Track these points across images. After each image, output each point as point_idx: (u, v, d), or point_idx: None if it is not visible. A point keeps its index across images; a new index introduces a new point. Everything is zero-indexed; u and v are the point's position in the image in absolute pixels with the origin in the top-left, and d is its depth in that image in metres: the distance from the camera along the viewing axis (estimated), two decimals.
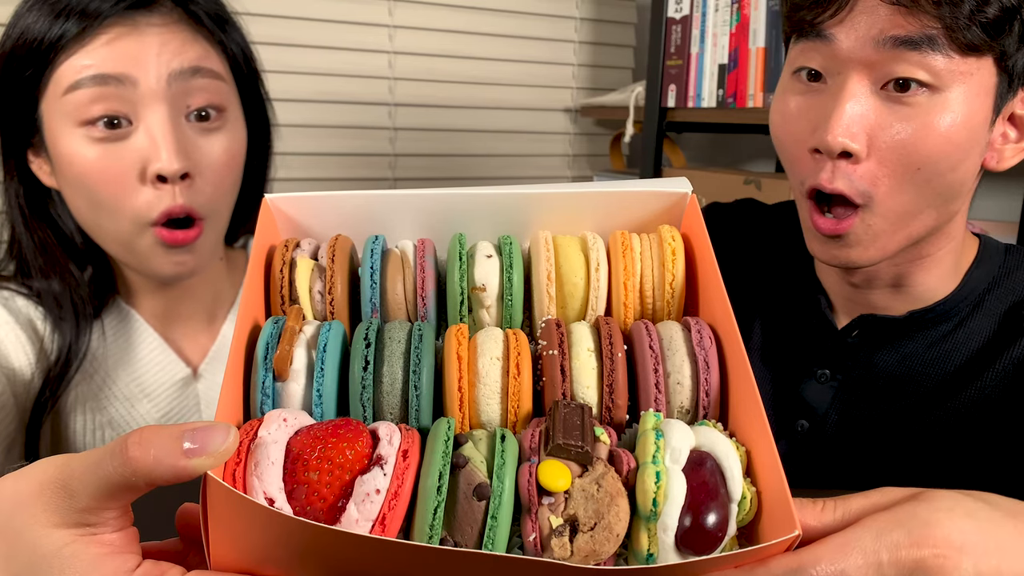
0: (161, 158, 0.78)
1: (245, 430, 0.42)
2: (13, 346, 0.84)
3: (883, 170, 0.66)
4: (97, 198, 0.80)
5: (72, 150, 0.79)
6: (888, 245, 0.69)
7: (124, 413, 0.90)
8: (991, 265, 0.76)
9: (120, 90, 0.78)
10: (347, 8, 1.84)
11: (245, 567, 0.40)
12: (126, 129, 0.79)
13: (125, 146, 0.79)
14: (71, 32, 0.77)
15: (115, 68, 0.78)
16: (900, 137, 0.64)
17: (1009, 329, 0.73)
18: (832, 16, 0.65)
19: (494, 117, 2.08)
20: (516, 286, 0.52)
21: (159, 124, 0.79)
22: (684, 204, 0.57)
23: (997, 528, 0.43)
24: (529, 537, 0.40)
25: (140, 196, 0.80)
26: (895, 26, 0.62)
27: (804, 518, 0.43)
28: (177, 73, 0.80)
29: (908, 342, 0.75)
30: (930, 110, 0.63)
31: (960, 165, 0.66)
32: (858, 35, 0.64)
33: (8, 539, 0.38)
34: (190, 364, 0.95)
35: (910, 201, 0.67)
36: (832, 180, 0.66)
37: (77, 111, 0.78)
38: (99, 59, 0.78)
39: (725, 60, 1.70)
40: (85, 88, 0.77)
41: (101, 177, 0.79)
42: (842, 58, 0.65)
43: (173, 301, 0.93)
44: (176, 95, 0.80)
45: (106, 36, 0.78)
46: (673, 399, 0.48)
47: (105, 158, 0.79)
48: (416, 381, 0.46)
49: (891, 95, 0.64)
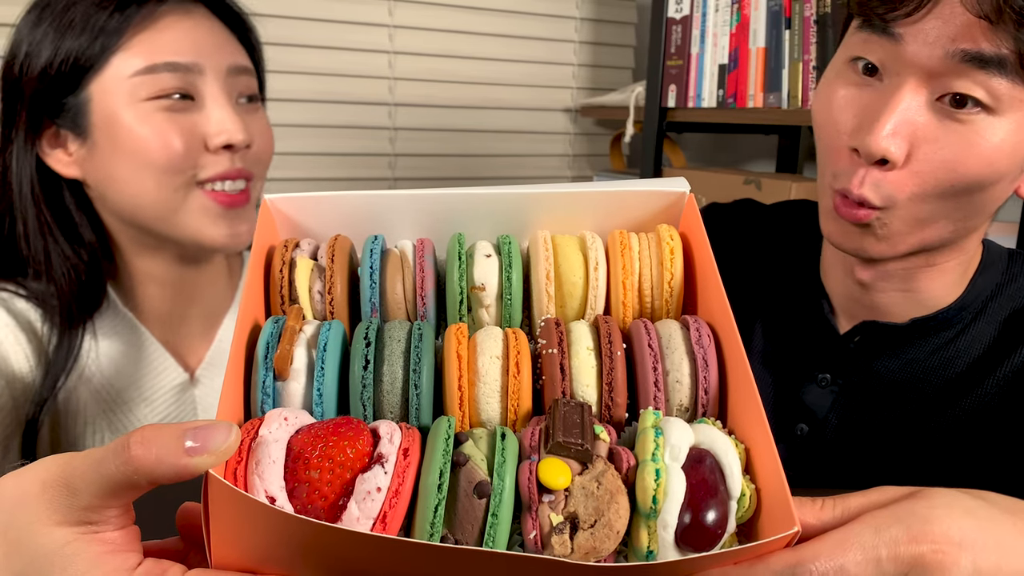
0: (230, 129, 0.86)
1: (246, 429, 0.42)
2: (12, 348, 0.84)
3: (914, 180, 0.64)
4: (153, 162, 0.84)
5: (137, 120, 0.83)
6: (899, 244, 0.68)
7: (122, 417, 0.90)
8: (994, 272, 0.76)
9: (189, 76, 0.85)
10: (347, 8, 1.84)
11: (246, 565, 0.40)
12: (192, 104, 0.86)
13: (188, 118, 0.85)
14: (132, 20, 0.83)
15: (181, 57, 0.85)
16: (943, 153, 0.62)
17: (1011, 336, 0.72)
18: (907, 15, 0.61)
19: (494, 117, 2.08)
20: (515, 285, 0.52)
21: (224, 104, 0.87)
22: (682, 203, 0.58)
23: (996, 525, 0.43)
24: (530, 535, 0.40)
25: (201, 160, 0.86)
26: (969, 39, 0.59)
27: (803, 516, 0.43)
28: (233, 68, 0.89)
29: (910, 348, 0.75)
30: (980, 131, 0.61)
31: (992, 188, 0.64)
32: (927, 40, 0.60)
33: (10, 537, 0.38)
34: (188, 369, 0.95)
35: (929, 210, 0.65)
36: (860, 187, 0.65)
37: (148, 88, 0.83)
38: (164, 48, 0.84)
39: (725, 60, 1.70)
40: (152, 75, 0.83)
41: (164, 140, 0.84)
42: (905, 60, 0.62)
43: (173, 303, 0.93)
44: (230, 84, 0.89)
45: (164, 22, 0.85)
46: (672, 397, 0.48)
47: (173, 124, 0.84)
48: (416, 380, 0.46)
49: (945, 109, 0.62)
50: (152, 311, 0.93)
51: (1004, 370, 0.71)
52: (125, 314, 0.92)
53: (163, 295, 0.93)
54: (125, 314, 0.92)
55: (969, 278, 0.75)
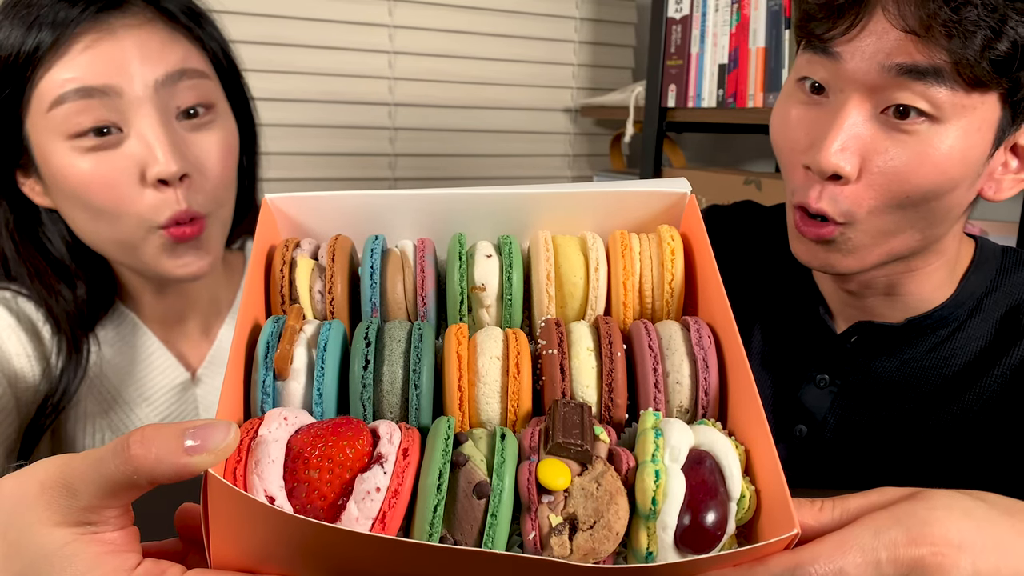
0: (159, 161, 0.77)
1: (246, 428, 0.42)
2: (15, 349, 0.84)
3: (870, 193, 0.65)
4: (97, 208, 0.79)
5: (65, 163, 0.77)
6: (867, 257, 0.69)
7: (123, 417, 0.90)
8: (988, 269, 0.76)
9: (106, 101, 0.76)
10: (347, 8, 1.84)
11: (245, 565, 0.40)
12: (117, 136, 0.78)
13: (119, 153, 0.78)
14: (45, 43, 0.75)
15: (98, 79, 0.76)
16: (893, 164, 0.64)
17: (1007, 333, 0.73)
18: (842, 34, 0.64)
19: (494, 117, 2.08)
20: (516, 286, 0.52)
21: (151, 128, 0.77)
22: (683, 204, 0.58)
23: (995, 526, 0.43)
24: (529, 535, 0.40)
25: (144, 199, 0.79)
26: (903, 53, 0.61)
27: (802, 517, 0.43)
28: (163, 78, 0.79)
29: (906, 347, 0.75)
30: (927, 140, 0.63)
31: (948, 195, 0.65)
32: (864, 57, 0.63)
33: (9, 538, 0.38)
34: (189, 368, 0.95)
35: (892, 221, 0.67)
36: (818, 200, 0.67)
37: (64, 125, 0.76)
38: (80, 71, 0.76)
39: (725, 60, 1.70)
40: (70, 102, 0.76)
41: (99, 187, 0.78)
42: (847, 77, 0.64)
43: (173, 304, 0.93)
44: (164, 98, 0.79)
45: (82, 43, 0.76)
46: (672, 398, 0.48)
47: (100, 167, 0.77)
48: (416, 380, 0.46)
49: (890, 121, 0.63)
50: (152, 312, 0.93)
51: (1001, 367, 0.71)
52: (127, 314, 0.91)
53: (158, 302, 0.92)
54: (127, 314, 0.91)
55: (960, 276, 0.76)
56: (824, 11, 0.64)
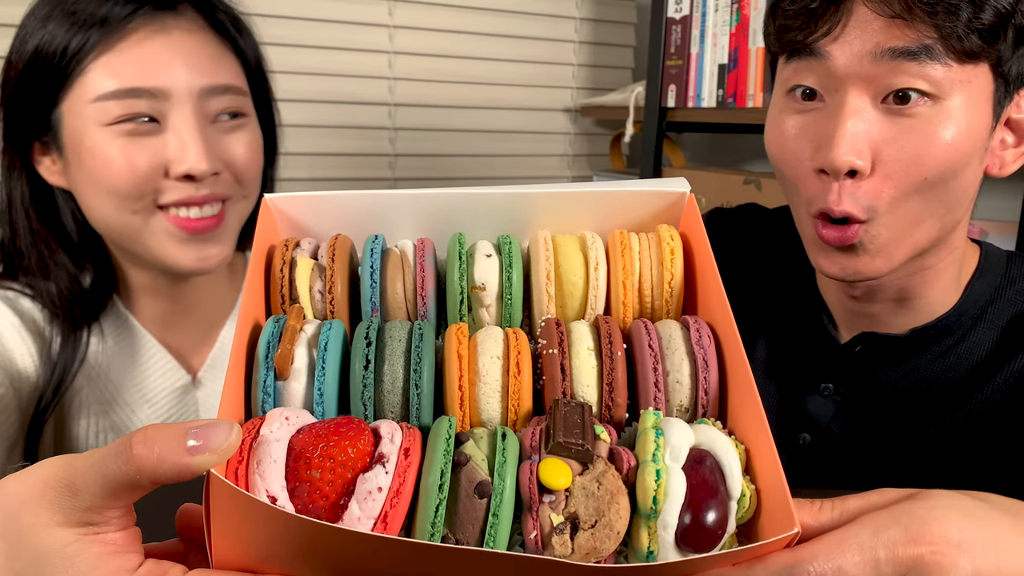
0: (190, 159, 0.81)
1: (247, 428, 0.42)
2: (18, 348, 0.84)
3: (888, 183, 0.65)
4: (117, 189, 0.81)
5: (96, 144, 0.80)
6: (895, 255, 0.68)
7: (125, 418, 0.90)
8: (993, 275, 0.75)
9: (150, 100, 0.80)
10: (347, 8, 1.84)
11: (247, 565, 0.40)
12: (152, 126, 0.81)
13: (152, 142, 0.81)
14: (93, 40, 0.79)
15: (147, 81, 0.80)
16: (905, 150, 0.63)
17: (1012, 341, 0.72)
18: (826, 34, 0.64)
19: (494, 117, 2.08)
20: (516, 285, 0.52)
21: (188, 129, 0.81)
22: (683, 204, 0.58)
23: (995, 526, 0.43)
24: (530, 535, 0.41)
25: (161, 184, 0.82)
26: (891, 38, 0.61)
27: (802, 517, 0.43)
28: (207, 88, 0.83)
29: (912, 357, 0.75)
30: (933, 120, 0.63)
31: (962, 173, 0.65)
32: (853, 50, 0.63)
33: (11, 538, 0.38)
34: (190, 371, 0.95)
35: (913, 210, 0.66)
36: (839, 202, 0.65)
37: (105, 117, 0.80)
38: (129, 69, 0.79)
39: (725, 60, 1.70)
40: (116, 100, 0.79)
41: (126, 168, 0.81)
42: (839, 75, 0.64)
43: (175, 305, 0.93)
44: (203, 103, 0.83)
45: (133, 39, 0.80)
46: (672, 397, 0.48)
47: (132, 150, 0.81)
48: (417, 380, 0.46)
49: (892, 108, 0.63)
50: (152, 314, 0.93)
51: (1006, 375, 0.71)
52: (127, 317, 0.91)
53: (157, 305, 0.92)
54: (127, 317, 0.91)
55: (965, 282, 0.75)
56: (801, 17, 0.65)
